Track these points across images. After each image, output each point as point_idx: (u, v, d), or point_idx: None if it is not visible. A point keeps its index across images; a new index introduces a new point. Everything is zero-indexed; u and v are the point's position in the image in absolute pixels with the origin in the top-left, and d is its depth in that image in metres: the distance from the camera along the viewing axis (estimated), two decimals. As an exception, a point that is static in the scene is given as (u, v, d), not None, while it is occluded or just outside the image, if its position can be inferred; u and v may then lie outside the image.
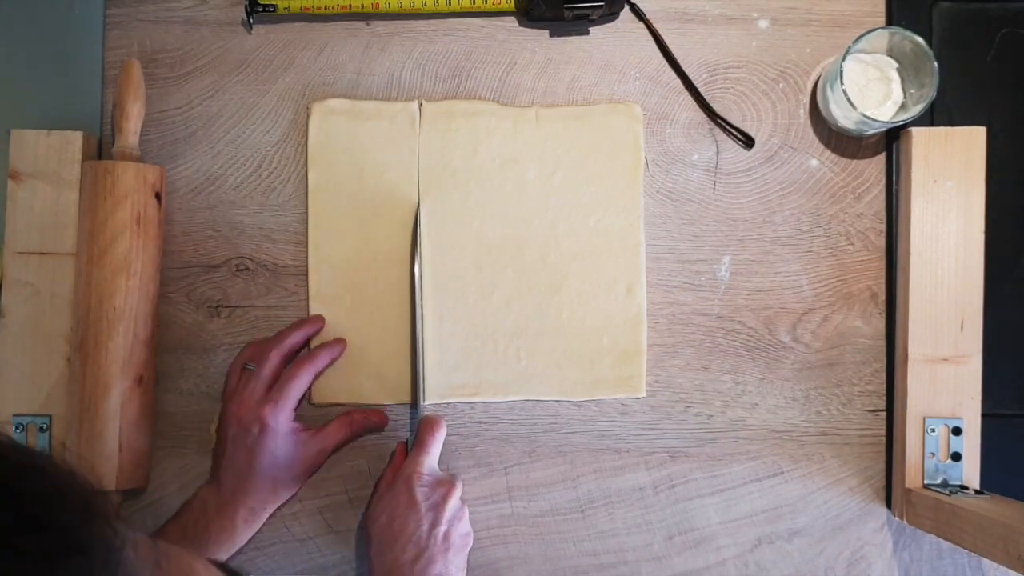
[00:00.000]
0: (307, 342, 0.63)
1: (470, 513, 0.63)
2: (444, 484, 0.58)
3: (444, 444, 0.64)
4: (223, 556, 0.58)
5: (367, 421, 0.63)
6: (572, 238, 0.65)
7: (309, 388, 0.63)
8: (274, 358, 0.60)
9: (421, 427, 0.61)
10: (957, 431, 0.61)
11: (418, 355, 0.62)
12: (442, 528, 0.56)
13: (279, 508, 0.63)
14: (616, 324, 0.64)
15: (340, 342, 0.63)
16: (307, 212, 0.64)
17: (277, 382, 0.60)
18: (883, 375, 0.65)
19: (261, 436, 0.58)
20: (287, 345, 0.61)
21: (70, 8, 0.66)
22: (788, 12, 0.66)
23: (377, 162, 0.65)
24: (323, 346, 0.62)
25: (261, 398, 0.59)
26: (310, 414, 0.64)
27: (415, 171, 0.65)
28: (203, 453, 0.63)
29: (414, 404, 0.63)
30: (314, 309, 0.64)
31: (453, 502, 0.57)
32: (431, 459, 0.59)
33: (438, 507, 0.56)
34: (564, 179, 0.65)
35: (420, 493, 0.56)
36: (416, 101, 0.65)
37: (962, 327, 0.62)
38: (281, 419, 0.59)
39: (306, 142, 0.65)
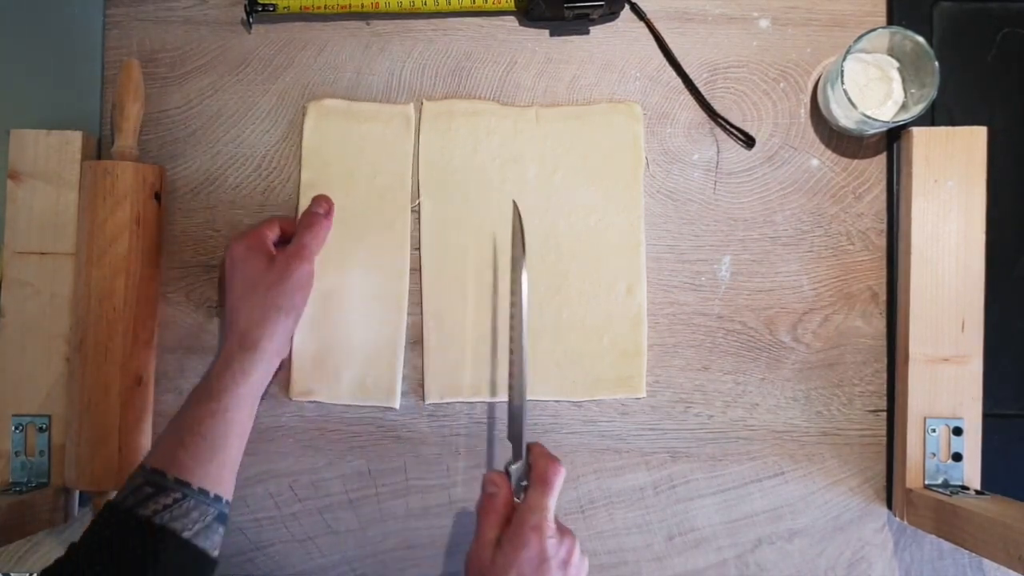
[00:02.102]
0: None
1: (470, 514, 0.64)
2: (567, 536, 0.52)
3: (444, 444, 0.64)
4: (239, 395, 0.56)
5: (315, 214, 0.62)
6: (572, 238, 0.65)
7: (288, 378, 0.63)
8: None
9: (540, 464, 0.54)
10: (958, 431, 0.61)
11: (517, 381, 0.56)
12: None
13: (280, 508, 0.62)
14: (616, 324, 0.64)
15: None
16: (299, 212, 0.64)
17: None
18: (884, 375, 0.65)
19: (230, 263, 0.60)
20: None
21: (70, 8, 0.66)
22: (789, 12, 0.66)
23: (370, 164, 0.65)
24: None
25: (261, 228, 0.61)
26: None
27: (408, 175, 0.65)
28: (203, 453, 0.63)
29: (514, 437, 0.56)
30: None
31: (577, 557, 0.52)
32: (554, 500, 0.53)
33: (566, 564, 0.51)
34: (564, 179, 0.65)
35: (550, 547, 0.51)
36: (412, 104, 0.65)
37: (963, 327, 0.62)
38: (243, 241, 0.60)
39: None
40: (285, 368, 0.63)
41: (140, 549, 0.49)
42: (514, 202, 0.58)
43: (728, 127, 0.65)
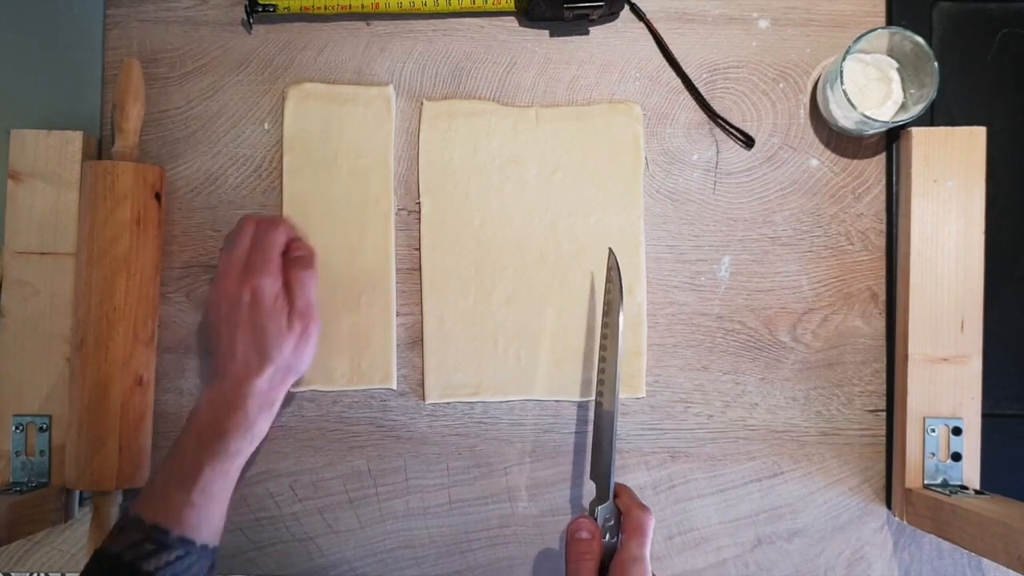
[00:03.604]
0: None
1: (470, 513, 0.64)
2: None
3: (445, 444, 0.64)
4: (248, 452, 0.55)
5: (302, 258, 0.58)
6: (572, 238, 0.65)
7: None
8: (248, 228, 0.57)
9: (635, 515, 0.53)
10: (957, 431, 0.61)
11: (606, 422, 0.57)
12: None
13: (280, 508, 0.63)
14: (616, 324, 0.64)
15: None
16: (284, 199, 0.64)
17: (251, 249, 0.57)
18: (883, 375, 0.65)
19: (254, 302, 0.55)
20: (258, 222, 0.58)
21: (70, 8, 0.66)
22: (788, 12, 0.66)
23: (352, 147, 0.65)
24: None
25: (243, 268, 0.56)
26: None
27: (390, 156, 0.65)
28: (203, 453, 0.64)
29: (601, 476, 0.56)
30: None
31: None
32: (649, 550, 0.53)
33: None
34: (564, 179, 0.65)
35: None
36: (391, 85, 0.65)
37: (962, 327, 0.62)
38: (267, 276, 0.55)
39: (282, 123, 0.65)
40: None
41: None
42: (610, 249, 0.60)
43: (727, 127, 0.65)
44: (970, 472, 0.61)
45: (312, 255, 0.59)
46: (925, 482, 0.61)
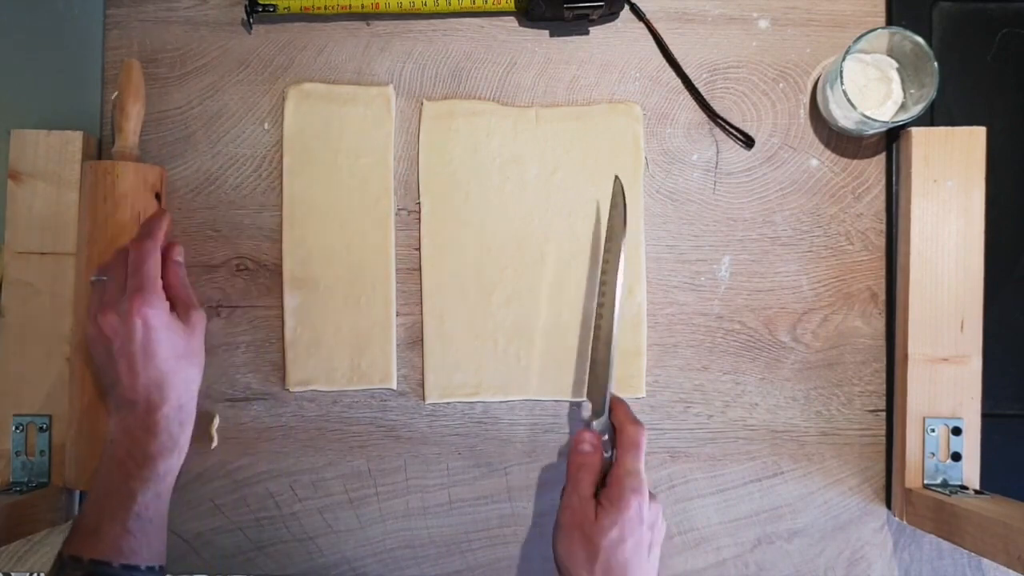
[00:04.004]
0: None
1: (469, 513, 0.64)
2: (655, 501, 0.55)
3: (445, 444, 0.64)
4: (178, 466, 0.55)
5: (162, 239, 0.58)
6: (572, 238, 0.65)
7: (284, 371, 0.63)
8: (121, 259, 0.56)
9: (629, 430, 0.56)
10: (957, 431, 0.61)
11: (604, 332, 0.59)
12: (656, 551, 0.55)
13: (280, 508, 0.63)
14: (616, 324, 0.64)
15: (161, 210, 0.61)
16: (284, 200, 0.65)
17: (130, 276, 0.55)
18: (883, 375, 0.65)
19: (147, 330, 0.53)
20: (131, 247, 0.57)
21: (70, 8, 0.66)
22: (788, 12, 0.66)
23: (352, 147, 0.65)
24: (148, 219, 0.59)
25: (122, 297, 0.54)
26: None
27: (391, 156, 0.65)
28: (202, 452, 0.64)
29: (597, 391, 0.58)
30: (288, 293, 0.64)
31: (661, 520, 0.56)
32: (644, 462, 0.56)
33: (653, 527, 0.55)
34: (564, 179, 0.65)
35: (645, 511, 0.54)
36: (391, 85, 0.65)
37: (962, 327, 0.62)
38: (155, 303, 0.54)
39: (282, 123, 0.65)
40: (280, 363, 0.64)
41: None
42: (616, 177, 0.61)
43: (727, 127, 0.65)
44: (970, 472, 0.61)
45: (147, 226, 0.58)
46: (925, 482, 0.61)
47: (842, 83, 0.58)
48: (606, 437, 0.57)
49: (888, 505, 0.64)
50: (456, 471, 0.64)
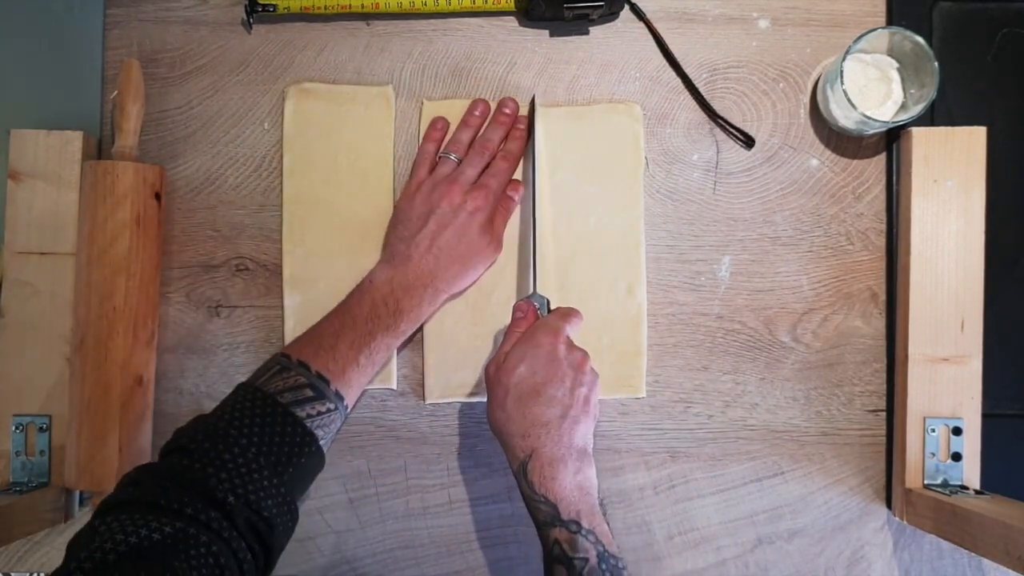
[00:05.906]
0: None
1: (469, 513, 0.64)
2: (579, 349, 0.55)
3: (445, 444, 0.64)
4: (403, 339, 0.60)
5: (509, 198, 0.64)
6: (572, 238, 0.65)
7: None
8: (478, 152, 0.62)
9: (562, 308, 0.58)
10: (957, 431, 0.61)
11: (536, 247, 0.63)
12: (583, 390, 0.53)
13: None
14: (616, 324, 0.64)
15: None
16: (284, 199, 0.65)
17: (486, 174, 0.62)
18: (883, 375, 0.65)
19: (470, 220, 0.59)
20: (500, 156, 0.63)
21: (70, 8, 0.66)
22: (788, 12, 0.66)
23: (352, 147, 0.65)
24: (511, 143, 0.64)
25: (469, 183, 0.61)
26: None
27: (390, 156, 0.65)
28: (203, 453, 0.63)
29: (527, 279, 0.63)
30: (288, 293, 0.64)
31: (590, 366, 0.55)
32: (570, 327, 0.56)
33: (578, 368, 0.54)
34: (564, 179, 0.65)
35: (561, 349, 0.54)
36: (391, 85, 0.65)
37: (962, 327, 0.62)
38: (487, 209, 0.60)
39: (282, 123, 0.65)
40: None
41: (290, 446, 0.50)
42: (533, 97, 0.64)
43: (728, 127, 0.65)
44: (970, 472, 0.61)
45: (517, 185, 0.64)
46: (925, 482, 0.61)
47: (842, 83, 0.58)
48: (544, 312, 0.59)
49: (888, 505, 0.64)
50: (456, 471, 0.64)
